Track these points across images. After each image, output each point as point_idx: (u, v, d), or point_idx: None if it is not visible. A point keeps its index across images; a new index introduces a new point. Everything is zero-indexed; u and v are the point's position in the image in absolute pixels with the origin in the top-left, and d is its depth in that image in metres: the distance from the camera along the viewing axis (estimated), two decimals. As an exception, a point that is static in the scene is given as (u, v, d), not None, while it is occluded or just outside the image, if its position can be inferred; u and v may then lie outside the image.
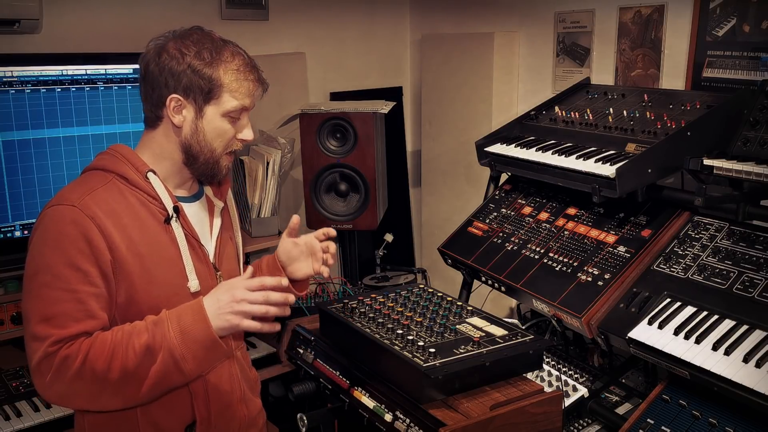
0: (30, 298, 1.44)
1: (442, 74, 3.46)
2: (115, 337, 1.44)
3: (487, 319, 1.82)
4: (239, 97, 1.56)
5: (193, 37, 1.56)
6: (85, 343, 1.42)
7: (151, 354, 1.43)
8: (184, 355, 1.44)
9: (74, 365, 1.40)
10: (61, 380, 1.41)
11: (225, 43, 1.59)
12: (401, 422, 1.58)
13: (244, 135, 1.62)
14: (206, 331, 1.45)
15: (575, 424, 1.92)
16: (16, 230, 2.45)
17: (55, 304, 1.42)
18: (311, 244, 1.79)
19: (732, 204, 1.89)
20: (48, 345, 1.40)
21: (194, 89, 1.54)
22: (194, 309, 1.47)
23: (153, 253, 1.52)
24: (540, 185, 2.41)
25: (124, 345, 1.43)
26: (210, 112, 1.56)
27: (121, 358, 1.41)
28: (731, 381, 1.52)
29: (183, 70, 1.53)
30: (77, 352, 1.40)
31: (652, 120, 2.17)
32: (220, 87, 1.54)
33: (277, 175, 2.99)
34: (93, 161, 1.61)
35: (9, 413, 2.24)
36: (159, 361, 1.43)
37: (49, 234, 1.45)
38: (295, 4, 3.41)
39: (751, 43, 2.30)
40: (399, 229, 3.68)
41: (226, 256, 1.74)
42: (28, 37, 2.63)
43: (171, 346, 1.43)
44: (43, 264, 1.43)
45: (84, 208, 1.45)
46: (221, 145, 1.59)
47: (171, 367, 1.44)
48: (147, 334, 1.44)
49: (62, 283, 1.42)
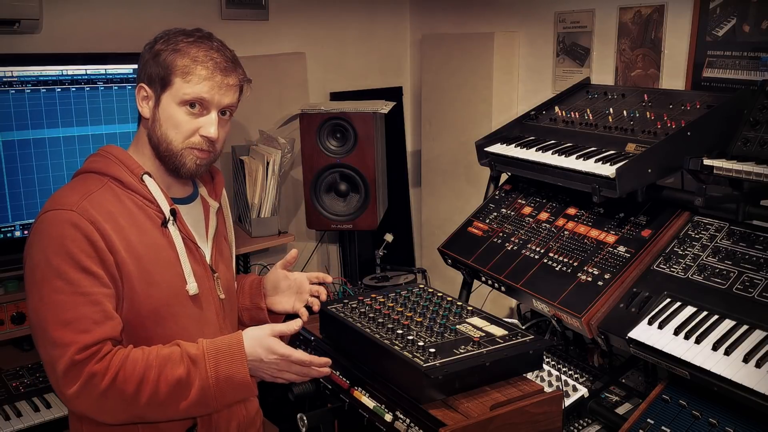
0: (42, 305, 1.41)
1: (442, 74, 3.46)
2: (148, 360, 1.42)
3: (487, 319, 1.82)
4: (192, 82, 1.51)
5: (178, 31, 1.55)
6: (115, 361, 1.40)
7: (182, 389, 1.43)
8: (216, 396, 1.45)
9: (102, 384, 1.38)
10: (87, 396, 1.39)
11: (203, 38, 1.55)
12: (401, 422, 1.58)
13: (204, 130, 1.54)
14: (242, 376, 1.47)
15: (575, 424, 1.92)
16: (16, 230, 2.45)
17: (72, 308, 1.40)
18: (301, 282, 1.79)
19: (732, 204, 1.89)
20: (74, 352, 1.37)
21: (154, 77, 1.52)
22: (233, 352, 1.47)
23: (151, 256, 1.52)
24: (540, 185, 2.41)
25: (156, 372, 1.42)
26: (164, 100, 1.53)
27: (152, 385, 1.41)
28: (731, 381, 1.52)
29: (149, 59, 1.53)
30: (106, 370, 1.39)
31: (652, 120, 2.17)
32: (172, 73, 1.51)
33: (277, 175, 2.99)
34: (85, 164, 1.59)
35: (9, 413, 2.24)
36: (190, 397, 1.43)
37: (52, 239, 1.43)
38: (295, 4, 3.41)
39: (751, 43, 2.30)
40: (399, 229, 3.68)
41: (223, 257, 1.74)
42: (28, 37, 2.63)
43: (205, 386, 1.44)
44: (52, 269, 1.41)
45: (83, 212, 1.44)
46: (178, 138, 1.54)
47: (201, 404, 1.45)
48: (183, 367, 1.43)
49: (75, 287, 1.40)
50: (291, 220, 3.52)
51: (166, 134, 1.54)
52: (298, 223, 3.47)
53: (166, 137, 1.54)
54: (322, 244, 3.65)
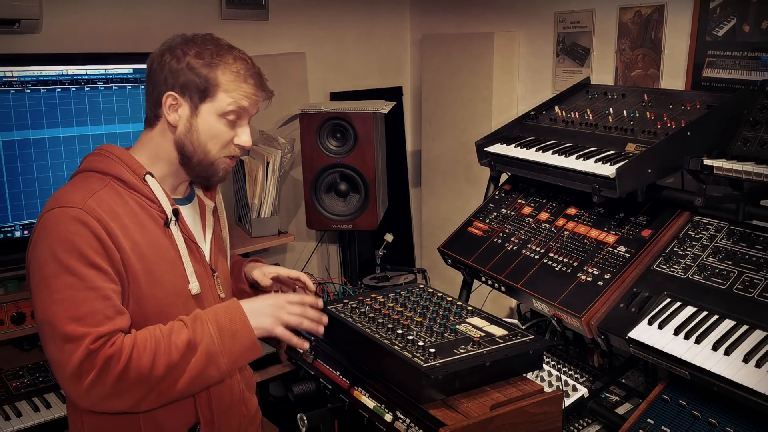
0: (52, 301, 1.40)
1: (442, 74, 3.46)
2: (156, 335, 1.45)
3: (487, 319, 1.82)
4: (236, 97, 1.55)
5: (198, 39, 1.57)
6: (127, 342, 1.41)
7: (192, 349, 1.45)
8: (221, 350, 1.47)
9: (119, 365, 1.39)
10: (104, 381, 1.39)
11: (231, 48, 1.59)
12: (401, 422, 1.59)
13: (240, 140, 1.60)
14: (245, 328, 1.50)
15: (575, 424, 1.92)
16: (16, 230, 2.45)
17: (84, 303, 1.40)
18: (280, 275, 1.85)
19: (732, 204, 1.89)
20: (89, 342, 1.37)
21: (191, 87, 1.53)
22: (231, 307, 1.52)
23: (155, 255, 1.52)
24: (540, 185, 2.41)
25: (166, 342, 1.44)
26: (205, 111, 1.55)
27: (164, 355, 1.43)
28: (731, 381, 1.52)
29: (181, 68, 1.53)
30: (120, 351, 1.39)
31: (652, 120, 2.17)
32: (216, 86, 1.54)
33: (277, 175, 2.99)
34: (84, 163, 1.58)
35: (9, 413, 2.24)
36: (198, 354, 1.45)
37: (60, 235, 1.42)
38: (295, 4, 3.41)
39: (751, 43, 2.30)
40: (399, 229, 3.68)
41: (221, 256, 1.75)
42: (28, 37, 2.63)
43: (209, 342, 1.46)
44: (61, 266, 1.41)
45: (89, 210, 1.44)
46: (215, 147, 1.58)
47: (209, 361, 1.47)
48: (187, 329, 1.46)
49: (87, 283, 1.41)
50: (291, 220, 3.52)
51: (204, 144, 1.57)
52: (298, 223, 3.47)
53: (203, 147, 1.57)
54: (322, 244, 3.65)
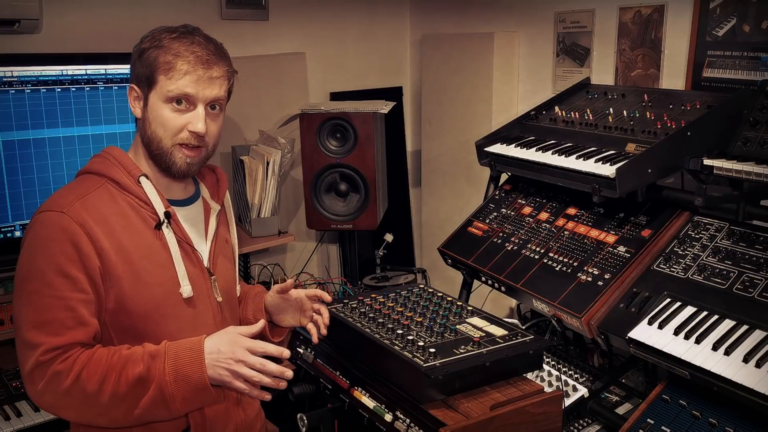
0: (21, 304, 1.44)
1: (442, 74, 3.46)
2: (111, 360, 1.43)
3: (487, 319, 1.82)
4: (175, 78, 1.49)
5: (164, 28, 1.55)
6: (79, 361, 1.41)
7: (142, 385, 1.42)
8: (173, 395, 1.44)
9: (66, 382, 1.40)
10: (52, 393, 1.41)
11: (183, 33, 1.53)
12: (401, 422, 1.58)
13: (192, 126, 1.52)
14: (200, 376, 1.44)
15: (575, 424, 1.92)
16: (16, 230, 2.45)
17: (46, 311, 1.41)
18: (302, 301, 1.77)
19: (732, 204, 1.89)
20: (40, 354, 1.40)
21: (140, 77, 1.53)
22: (193, 350, 1.46)
23: (144, 258, 1.51)
24: (540, 185, 2.41)
25: (117, 370, 1.42)
26: (152, 99, 1.53)
27: (112, 383, 1.41)
28: (731, 381, 1.52)
29: (135, 59, 1.54)
30: (69, 369, 1.40)
31: (652, 120, 2.17)
32: (156, 70, 1.50)
33: (277, 175, 2.99)
34: (87, 164, 1.60)
35: (9, 413, 2.24)
36: (149, 394, 1.43)
37: (39, 240, 1.44)
38: (295, 4, 3.41)
39: (751, 43, 2.30)
40: (399, 229, 3.68)
41: (222, 259, 1.73)
42: (28, 37, 2.63)
43: (162, 383, 1.43)
44: (33, 270, 1.43)
45: (73, 215, 1.44)
46: (166, 135, 1.53)
47: (159, 402, 1.44)
48: (142, 365, 1.43)
49: (52, 291, 1.42)
50: (291, 220, 3.52)
51: (155, 133, 1.54)
52: (298, 223, 3.47)
53: (155, 136, 1.54)
54: (322, 244, 3.65)
